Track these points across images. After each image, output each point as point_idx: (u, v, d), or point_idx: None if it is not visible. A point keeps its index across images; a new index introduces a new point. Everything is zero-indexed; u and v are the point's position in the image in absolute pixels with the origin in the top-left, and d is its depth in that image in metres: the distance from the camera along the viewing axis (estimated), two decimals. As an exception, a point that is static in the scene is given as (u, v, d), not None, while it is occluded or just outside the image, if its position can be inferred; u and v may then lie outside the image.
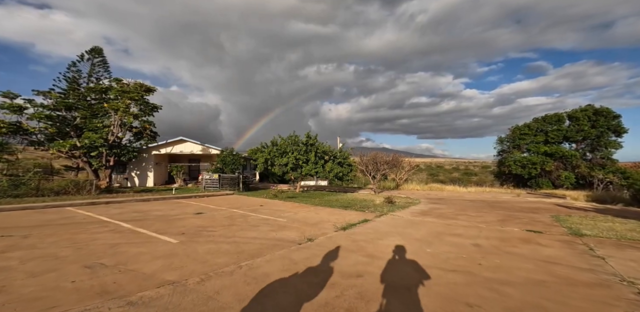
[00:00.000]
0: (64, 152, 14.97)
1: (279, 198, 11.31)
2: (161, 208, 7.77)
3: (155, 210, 7.40)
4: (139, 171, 18.50)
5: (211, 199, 10.53)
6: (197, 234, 5.09)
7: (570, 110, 22.38)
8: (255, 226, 5.97)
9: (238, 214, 7.39)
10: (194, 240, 4.67)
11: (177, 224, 5.85)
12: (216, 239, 4.81)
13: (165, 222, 5.93)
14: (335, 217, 7.33)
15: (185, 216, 6.81)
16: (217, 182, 14.60)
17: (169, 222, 6.01)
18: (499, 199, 14.08)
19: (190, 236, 4.95)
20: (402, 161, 18.89)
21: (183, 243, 4.44)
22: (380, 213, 8.06)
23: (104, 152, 15.73)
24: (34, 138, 14.55)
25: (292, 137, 15.63)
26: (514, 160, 21.44)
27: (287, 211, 8.18)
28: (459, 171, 61.42)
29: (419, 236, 5.26)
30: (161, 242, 4.47)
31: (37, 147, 14.67)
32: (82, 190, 10.38)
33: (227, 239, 4.81)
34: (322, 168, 14.86)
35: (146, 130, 17.62)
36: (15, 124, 13.39)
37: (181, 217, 6.54)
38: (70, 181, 10.37)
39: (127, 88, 15.19)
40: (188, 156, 21.21)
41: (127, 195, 10.48)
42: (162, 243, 4.40)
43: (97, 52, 22.86)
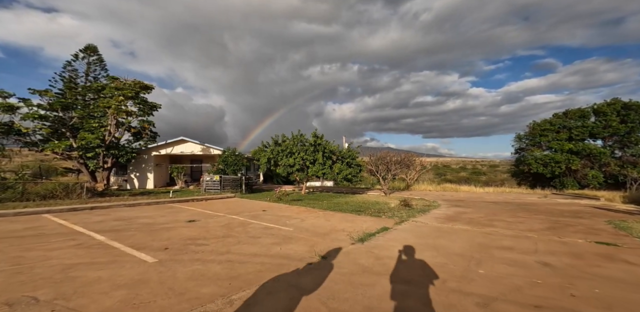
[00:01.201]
0: (59, 153, 14.34)
1: (283, 201, 10.33)
2: (151, 214, 6.86)
3: (143, 217, 6.49)
4: (139, 173, 17.80)
5: (210, 203, 9.62)
6: (183, 249, 4.13)
7: (594, 104, 20.85)
8: (256, 238, 4.99)
9: (237, 221, 6.43)
10: (176, 258, 3.71)
11: (162, 235, 4.91)
12: (206, 256, 3.84)
13: (148, 233, 4.99)
14: (349, 225, 6.30)
15: (175, 224, 5.87)
16: (218, 184, 13.72)
17: (153, 232, 5.07)
18: (525, 200, 12.81)
19: (174, 251, 3.99)
20: (415, 161, 17.73)
21: (161, 263, 3.48)
22: (400, 219, 6.99)
23: (101, 153, 15.07)
24: (28, 139, 13.96)
25: (297, 137, 14.67)
26: (535, 158, 20.00)
27: (293, 217, 7.19)
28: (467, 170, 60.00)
29: (459, 250, 4.18)
30: (133, 261, 3.52)
31: (32, 148, 14.05)
32: (71, 194, 9.59)
33: (220, 257, 3.83)
34: (329, 169, 13.84)
35: (145, 130, 16.92)
36: (7, 124, 12.79)
37: (170, 226, 5.60)
38: (58, 184, 9.59)
39: (121, 85, 14.48)
40: (190, 157, 20.46)
41: (119, 199, 9.65)
42: (133, 263, 3.45)
43: (92, 50, 22.31)
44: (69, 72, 21.99)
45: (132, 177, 17.73)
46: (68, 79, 20.60)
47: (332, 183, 24.05)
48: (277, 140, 14.81)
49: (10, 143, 14.50)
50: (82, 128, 15.16)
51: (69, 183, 9.89)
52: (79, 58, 22.24)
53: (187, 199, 9.60)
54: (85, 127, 15.07)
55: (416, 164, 18.24)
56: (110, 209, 7.53)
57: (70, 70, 21.97)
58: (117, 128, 15.47)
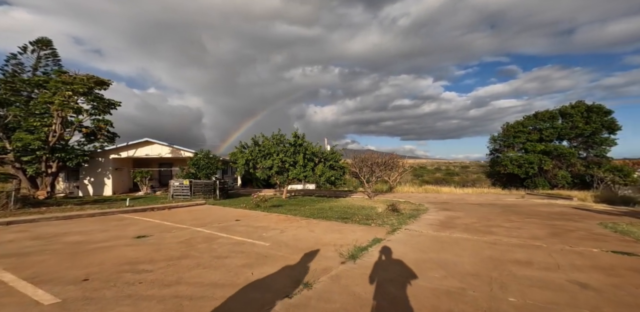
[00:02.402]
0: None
1: (261, 208, 9.23)
2: (88, 229, 5.48)
3: (75, 233, 5.12)
4: (94, 178, 15.60)
5: (174, 212, 8.26)
6: (111, 279, 3.00)
7: (561, 106, 22.20)
8: (222, 258, 3.95)
9: (202, 235, 5.29)
10: (94, 296, 2.59)
11: (90, 259, 3.68)
12: (143, 290, 2.76)
13: (68, 257, 3.74)
14: (337, 237, 5.44)
15: (116, 241, 4.62)
16: (187, 189, 12.23)
17: (78, 255, 3.82)
18: (506, 201, 12.86)
19: (96, 284, 2.85)
20: (399, 162, 17.42)
21: (63, 306, 2.35)
22: (392, 227, 6.28)
23: (44, 157, 12.88)
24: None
25: (277, 137, 13.63)
26: (510, 159, 20.73)
27: (271, 228, 6.18)
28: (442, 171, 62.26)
29: (471, 268, 3.49)
30: (18, 305, 2.34)
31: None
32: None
33: (164, 290, 2.77)
34: (311, 171, 12.96)
35: (101, 130, 14.86)
36: None
37: (107, 246, 4.34)
38: (-26, 193, 7.70)
39: (70, 79, 12.53)
40: (158, 160, 18.50)
41: (58, 209, 7.97)
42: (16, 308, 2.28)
43: (45, 44, 19.61)
44: (13, 66, 19.07)
45: (85, 183, 15.48)
46: (11, 73, 17.78)
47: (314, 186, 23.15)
48: (257, 141, 13.67)
49: None
50: (19, 128, 12.89)
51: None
52: (28, 51, 19.40)
53: (146, 208, 8.16)
54: (23, 127, 12.83)
55: (399, 166, 17.98)
56: (35, 223, 5.98)
57: (15, 64, 19.06)
58: (65, 128, 13.40)
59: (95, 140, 15.04)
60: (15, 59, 18.89)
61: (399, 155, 16.76)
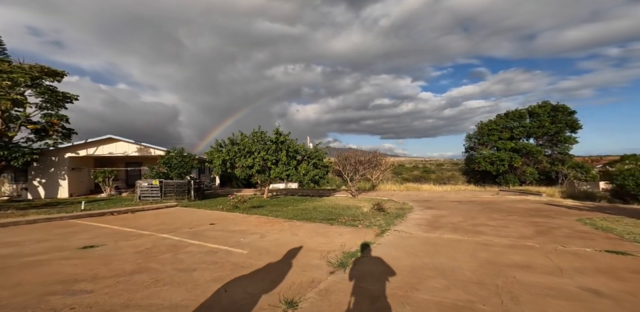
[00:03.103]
0: None
1: (240, 209, 8.53)
2: (21, 239, 4.52)
3: (2, 244, 4.16)
4: (46, 179, 13.78)
5: (138, 215, 7.31)
6: (29, 307, 2.28)
7: (529, 106, 23.59)
8: (189, 271, 3.32)
9: (167, 243, 4.57)
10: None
11: (9, 278, 2.88)
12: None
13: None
14: (323, 241, 4.98)
15: (54, 254, 3.77)
16: (157, 190, 11.12)
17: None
18: (483, 198, 13.22)
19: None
20: (382, 160, 17.37)
21: None
22: (380, 229, 5.94)
23: (-21, 154, 11.05)
24: None
25: (257, 134, 12.88)
26: (484, 157, 21.64)
27: (251, 232, 5.57)
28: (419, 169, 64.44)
29: (472, 275, 3.19)
30: None
31: None
32: None
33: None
34: (294, 170, 12.40)
35: (54, 126, 13.12)
36: None
37: (40, 260, 3.51)
38: None
39: (9, 68, 10.85)
40: (124, 159, 16.84)
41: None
42: None
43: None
44: None
45: (35, 184, 13.63)
46: None
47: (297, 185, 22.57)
48: (234, 140, 12.80)
49: None
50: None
51: None
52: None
53: (104, 212, 7.12)
54: (-45, 119, 10.93)
55: (382, 164, 17.97)
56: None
57: None
58: (6, 123, 11.62)
59: (46, 137, 13.23)
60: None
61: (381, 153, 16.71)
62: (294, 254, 4.18)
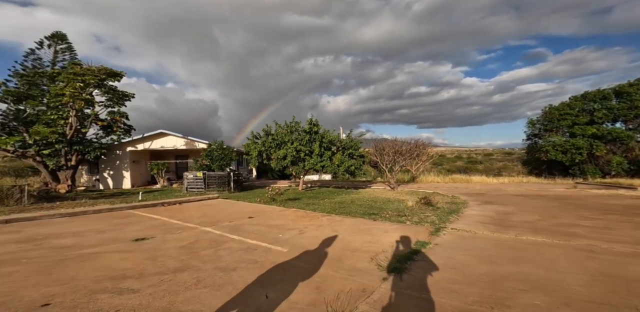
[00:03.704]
0: (10, 151, 12.15)
1: (276, 202, 8.47)
2: (85, 229, 4.93)
3: (68, 234, 4.56)
4: (113, 171, 15.71)
5: (184, 207, 7.71)
6: (78, 306, 2.26)
7: (615, 86, 19.16)
8: (229, 271, 3.14)
9: (209, 237, 4.56)
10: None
11: (66, 272, 3.01)
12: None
13: (44, 268, 3.08)
14: (367, 239, 4.49)
15: (108, 246, 3.97)
16: (201, 181, 11.79)
17: (55, 266, 3.16)
18: (556, 192, 11.19)
19: None
20: (425, 150, 15.89)
21: None
22: (433, 226, 5.20)
23: (62, 150, 12.92)
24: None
25: (290, 125, 12.67)
26: (553, 144, 18.39)
27: (289, 227, 5.35)
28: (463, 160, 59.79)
29: (588, 291, 2.39)
30: None
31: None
32: (7, 199, 7.59)
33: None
34: (329, 161, 11.98)
35: (117, 123, 14.70)
36: None
37: (96, 252, 3.69)
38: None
39: (82, 71, 12.18)
40: (174, 152, 18.35)
41: (72, 204, 7.69)
42: None
43: (60, 38, 19.61)
44: (32, 61, 19.36)
45: (105, 176, 15.64)
46: (30, 68, 18.01)
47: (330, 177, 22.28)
48: (268, 131, 12.81)
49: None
50: (38, 121, 12.93)
51: (2, 187, 7.85)
52: (44, 46, 19.56)
53: (155, 204, 7.66)
54: (41, 120, 12.84)
55: (424, 154, 16.45)
56: (35, 221, 5.57)
57: (33, 59, 19.34)
58: (81, 120, 13.28)
59: (112, 133, 14.93)
60: (34, 54, 19.12)
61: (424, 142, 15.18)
62: (337, 255, 3.79)
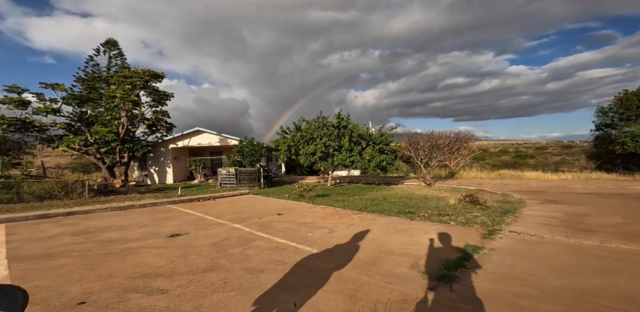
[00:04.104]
0: (76, 149, 13.87)
1: (305, 199, 8.32)
2: (130, 223, 5.26)
3: (116, 228, 4.88)
4: (158, 167, 17.15)
5: (217, 202, 7.96)
6: (109, 306, 2.25)
7: None
8: (256, 273, 2.99)
9: (238, 235, 4.51)
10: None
11: (107, 266, 3.12)
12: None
13: (90, 262, 3.24)
14: (405, 240, 4.04)
15: (146, 241, 4.12)
16: (233, 177, 12.20)
17: (100, 260, 3.31)
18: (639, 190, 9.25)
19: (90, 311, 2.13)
20: (467, 144, 14.38)
21: None
22: (484, 227, 4.52)
23: (116, 148, 14.39)
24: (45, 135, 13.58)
25: (319, 120, 12.38)
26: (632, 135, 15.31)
27: (318, 225, 5.10)
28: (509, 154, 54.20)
29: None
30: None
31: (48, 144, 13.71)
32: (72, 193, 8.61)
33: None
34: (359, 156, 11.47)
35: (160, 121, 15.88)
36: (21, 119, 12.30)
37: (135, 247, 3.83)
38: (56, 183, 8.65)
39: (129, 74, 13.31)
40: (209, 149, 19.42)
41: (123, 198, 8.45)
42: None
43: (112, 45, 21.88)
44: (92, 67, 21.97)
45: (151, 171, 17.16)
46: (90, 74, 20.41)
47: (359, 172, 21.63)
48: (298, 126, 12.70)
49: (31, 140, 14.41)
50: (96, 121, 14.55)
51: (68, 181, 8.92)
52: (100, 52, 22.05)
53: (192, 199, 8.05)
54: (99, 121, 14.41)
55: (466, 148, 14.89)
56: (91, 214, 6.15)
57: (93, 65, 21.93)
58: (131, 120, 14.60)
59: (156, 131, 16.21)
60: (93, 61, 21.68)
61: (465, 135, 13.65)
62: (371, 258, 3.42)
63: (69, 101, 13.57)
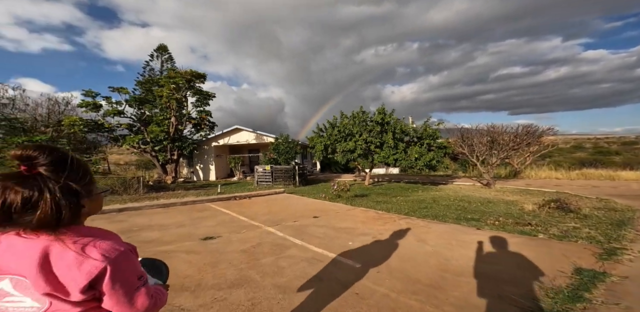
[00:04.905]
0: (136, 147, 15.45)
1: (343, 199, 7.67)
2: (170, 222, 5.28)
3: (157, 227, 4.90)
4: (203, 164, 18.28)
5: (253, 201, 7.82)
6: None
7: None
8: (289, 293, 2.47)
9: (271, 240, 4.10)
10: None
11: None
12: None
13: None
14: (474, 256, 3.14)
15: (180, 244, 3.95)
16: (269, 175, 12.17)
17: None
18: None
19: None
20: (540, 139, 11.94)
21: None
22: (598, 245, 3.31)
23: (168, 146, 15.64)
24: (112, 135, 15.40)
25: (359, 115, 11.55)
26: None
27: (359, 232, 4.43)
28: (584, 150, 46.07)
29: None
30: None
31: (115, 143, 15.51)
32: (129, 189, 9.42)
33: None
34: (404, 154, 10.36)
35: (204, 120, 16.84)
36: (94, 121, 14.06)
37: (170, 250, 3.66)
38: (117, 179, 9.55)
39: (174, 74, 14.27)
40: (247, 146, 20.05)
41: (170, 195, 8.95)
42: None
43: (163, 49, 24.08)
44: (148, 72, 24.62)
45: (197, 169, 18.37)
46: (147, 78, 22.86)
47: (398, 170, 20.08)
48: (334, 123, 12.08)
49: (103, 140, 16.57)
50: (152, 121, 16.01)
51: (126, 178, 9.78)
52: (154, 58, 24.56)
53: (229, 197, 8.06)
54: (154, 121, 15.83)
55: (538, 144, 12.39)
56: (139, 211, 6.46)
57: (149, 70, 24.56)
58: (179, 120, 15.71)
59: (200, 130, 17.26)
60: (149, 66, 24.26)
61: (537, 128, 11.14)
62: (434, 279, 2.65)
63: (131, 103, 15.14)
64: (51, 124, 14.05)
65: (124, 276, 0.68)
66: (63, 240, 0.63)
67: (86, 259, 0.63)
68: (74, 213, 0.67)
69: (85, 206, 0.73)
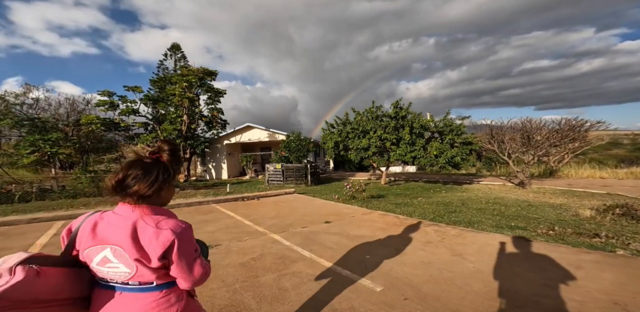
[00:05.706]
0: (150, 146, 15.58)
1: (357, 201, 6.99)
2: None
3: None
4: (215, 163, 18.19)
5: (261, 202, 7.32)
6: None
7: None
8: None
9: (275, 251, 3.53)
10: None
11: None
12: None
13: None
14: (534, 279, 2.34)
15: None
16: (280, 173, 11.69)
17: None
18: None
19: None
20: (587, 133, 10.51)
21: None
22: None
23: (180, 144, 15.62)
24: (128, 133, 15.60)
25: (372, 110, 10.77)
26: None
27: (379, 242, 3.75)
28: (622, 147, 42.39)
29: None
30: None
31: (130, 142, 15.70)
32: (140, 187, 9.26)
33: None
34: (423, 151, 9.47)
35: (215, 118, 16.67)
36: (111, 120, 14.24)
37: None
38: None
39: (186, 72, 14.13)
40: (259, 144, 19.77)
41: (175, 195, 8.64)
42: None
43: (177, 48, 24.20)
44: (162, 71, 24.96)
45: (210, 167, 18.31)
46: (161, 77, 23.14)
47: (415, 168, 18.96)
48: (345, 119, 11.37)
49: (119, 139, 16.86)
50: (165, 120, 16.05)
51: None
52: (168, 56, 24.83)
53: (237, 198, 7.61)
54: (167, 119, 15.86)
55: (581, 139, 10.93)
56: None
57: (163, 69, 24.88)
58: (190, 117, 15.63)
59: (212, 128, 17.13)
60: (163, 65, 24.57)
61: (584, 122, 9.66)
62: None
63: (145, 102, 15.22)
64: (70, 122, 14.39)
65: (187, 247, 0.86)
66: (144, 218, 0.85)
67: (161, 233, 0.82)
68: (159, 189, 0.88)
69: (164, 190, 0.92)
